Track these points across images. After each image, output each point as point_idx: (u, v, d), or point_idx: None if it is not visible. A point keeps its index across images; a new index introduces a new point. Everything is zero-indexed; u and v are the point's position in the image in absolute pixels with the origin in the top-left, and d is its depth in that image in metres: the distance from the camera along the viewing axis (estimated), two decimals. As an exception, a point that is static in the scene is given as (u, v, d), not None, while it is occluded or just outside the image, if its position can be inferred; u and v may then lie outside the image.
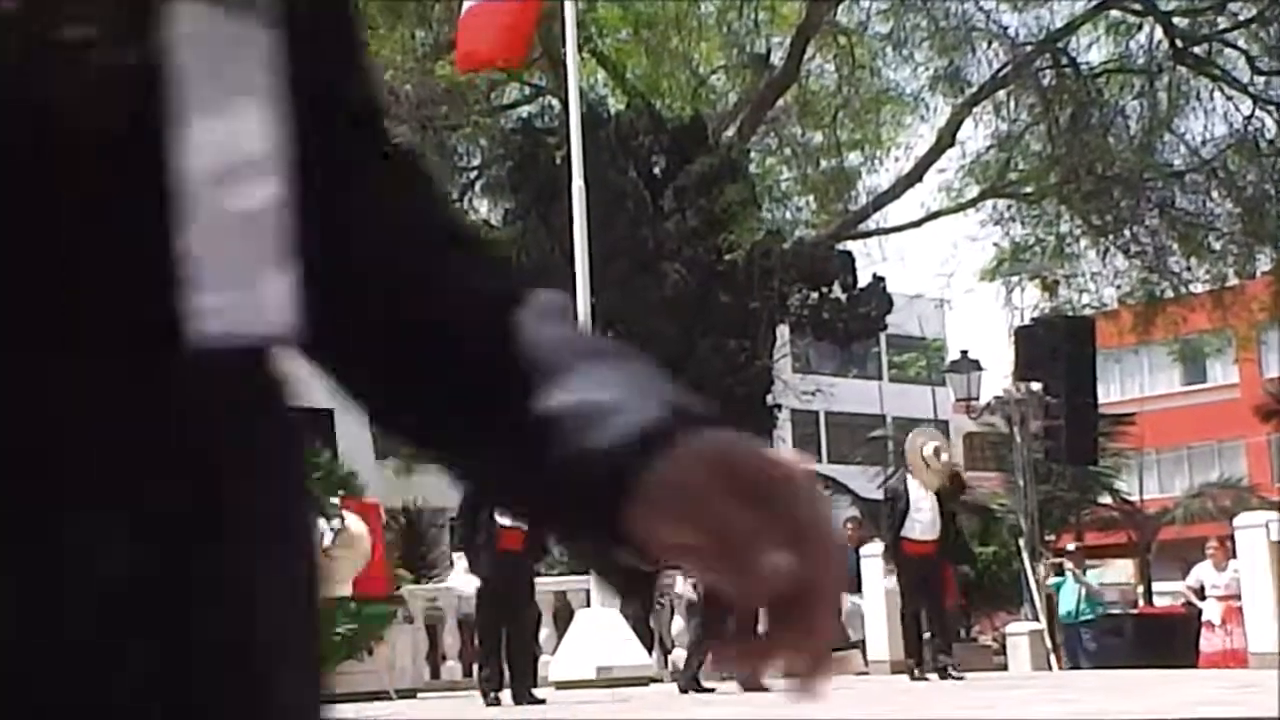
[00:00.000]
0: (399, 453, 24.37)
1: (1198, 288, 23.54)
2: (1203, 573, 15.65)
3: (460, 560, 10.45)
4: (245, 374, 0.70)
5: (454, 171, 22.57)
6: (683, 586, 16.00)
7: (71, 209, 0.64)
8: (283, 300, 0.69)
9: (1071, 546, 19.26)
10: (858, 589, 15.77)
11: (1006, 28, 22.67)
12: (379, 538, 11.92)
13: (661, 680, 14.54)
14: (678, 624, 16.25)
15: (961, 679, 11.66)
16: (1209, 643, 15.04)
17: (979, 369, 24.89)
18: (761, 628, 0.70)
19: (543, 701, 10.46)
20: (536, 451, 0.73)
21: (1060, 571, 18.46)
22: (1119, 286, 23.48)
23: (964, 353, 25.63)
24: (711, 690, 11.64)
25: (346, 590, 11.37)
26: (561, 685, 12.15)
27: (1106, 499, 31.81)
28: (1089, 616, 18.11)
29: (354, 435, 13.34)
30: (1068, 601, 18.11)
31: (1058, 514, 27.37)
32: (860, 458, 38.40)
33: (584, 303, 13.66)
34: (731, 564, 0.69)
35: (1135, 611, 24.87)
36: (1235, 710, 7.73)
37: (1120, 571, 38.15)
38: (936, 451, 11.95)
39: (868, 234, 23.96)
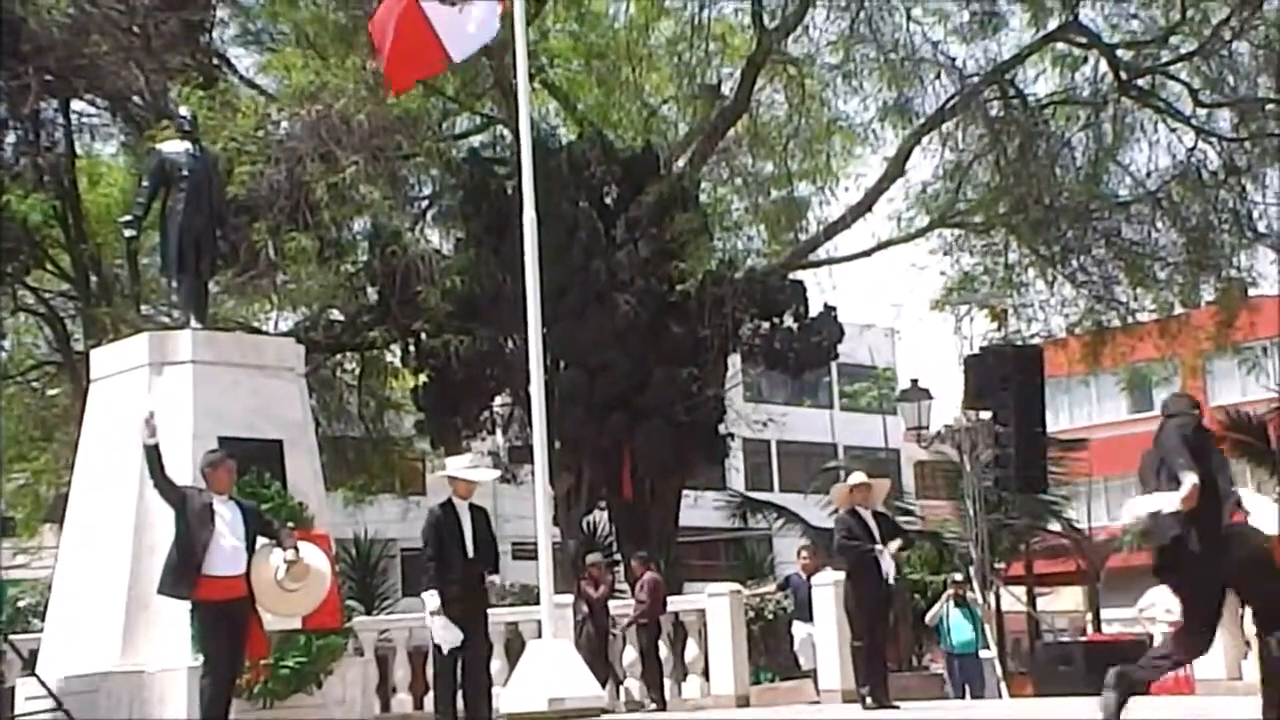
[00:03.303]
0: (349, 484, 24.29)
1: (1144, 317, 23.77)
2: (1157, 596, 15.72)
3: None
4: None
5: (405, 201, 22.50)
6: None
7: None
8: None
9: (958, 577, 19.35)
10: (810, 618, 15.76)
11: (954, 59, 22.89)
12: (331, 569, 11.78)
13: (613, 711, 14.46)
14: (630, 654, 16.20)
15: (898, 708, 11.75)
16: (1159, 669, 15.07)
17: (929, 398, 25.03)
18: None
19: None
20: None
21: (962, 602, 18.43)
22: (1067, 316, 23.69)
23: (914, 382, 25.78)
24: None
25: (296, 623, 11.24)
26: (513, 717, 12.08)
27: (1056, 527, 31.97)
28: (980, 648, 18.26)
29: (303, 466, 13.22)
30: (962, 632, 18.19)
31: (1008, 542, 27.47)
32: (813, 487, 38.43)
33: (535, 334, 13.61)
34: None
35: (1084, 639, 24.99)
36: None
37: (1069, 599, 38.34)
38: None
39: (819, 263, 24.06)
